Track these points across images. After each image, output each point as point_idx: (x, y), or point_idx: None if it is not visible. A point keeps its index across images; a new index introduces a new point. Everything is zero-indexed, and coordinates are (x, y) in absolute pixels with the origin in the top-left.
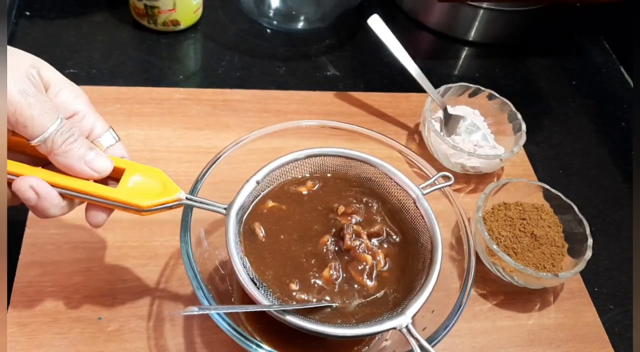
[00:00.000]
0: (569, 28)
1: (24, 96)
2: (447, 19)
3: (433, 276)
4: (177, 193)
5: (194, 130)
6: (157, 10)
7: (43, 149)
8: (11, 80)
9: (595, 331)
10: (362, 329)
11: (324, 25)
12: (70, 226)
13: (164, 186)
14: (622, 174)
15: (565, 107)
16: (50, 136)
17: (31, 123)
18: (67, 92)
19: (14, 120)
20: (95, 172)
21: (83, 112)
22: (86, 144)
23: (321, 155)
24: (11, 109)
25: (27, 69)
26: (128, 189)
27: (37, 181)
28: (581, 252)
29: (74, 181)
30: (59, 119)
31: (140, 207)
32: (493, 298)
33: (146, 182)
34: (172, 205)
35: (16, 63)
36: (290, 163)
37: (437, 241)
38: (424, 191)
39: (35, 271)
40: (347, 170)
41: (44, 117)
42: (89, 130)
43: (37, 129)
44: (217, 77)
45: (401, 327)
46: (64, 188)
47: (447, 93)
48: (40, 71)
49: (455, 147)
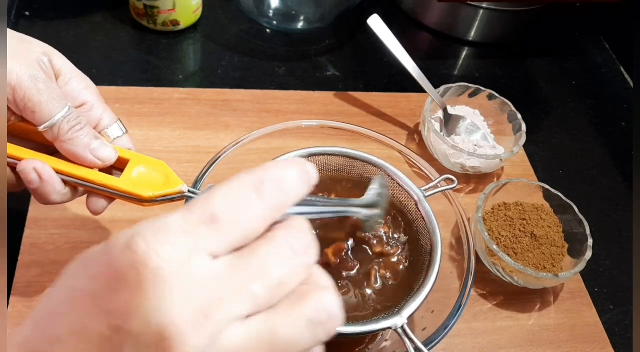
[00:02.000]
0: (569, 28)
1: (34, 82)
2: (447, 19)
3: (431, 277)
4: (179, 186)
5: (194, 131)
6: (157, 11)
7: (49, 135)
8: (22, 66)
9: (595, 331)
10: (357, 328)
11: (323, 25)
12: (70, 226)
13: (167, 178)
14: (622, 174)
15: (565, 107)
16: (58, 123)
17: (39, 109)
18: (77, 82)
19: (22, 105)
20: (100, 161)
21: (92, 102)
22: (92, 133)
23: (325, 155)
24: (20, 93)
25: (38, 56)
26: (131, 180)
27: (42, 164)
28: (581, 252)
29: (79, 169)
30: (67, 107)
31: (142, 198)
32: (493, 298)
33: (149, 174)
34: (174, 197)
35: (28, 50)
36: None
37: (436, 243)
38: (426, 193)
39: (35, 271)
40: (350, 170)
41: (52, 103)
42: (96, 121)
43: (44, 115)
44: (216, 77)
45: (397, 327)
46: (69, 175)
47: (447, 93)
48: (52, 59)
49: (455, 147)
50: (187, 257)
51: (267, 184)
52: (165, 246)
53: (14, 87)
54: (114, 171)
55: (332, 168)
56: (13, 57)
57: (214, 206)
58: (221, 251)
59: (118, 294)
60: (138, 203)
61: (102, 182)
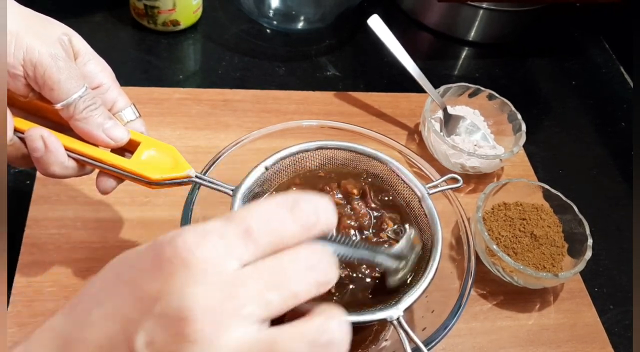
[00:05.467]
0: (569, 28)
1: (54, 60)
2: (447, 19)
3: (430, 271)
4: (187, 170)
5: (194, 131)
6: (157, 11)
7: (65, 113)
8: (44, 44)
9: (595, 331)
10: (353, 317)
11: (323, 25)
12: (70, 226)
13: (176, 162)
14: (622, 174)
15: (565, 107)
16: (74, 102)
17: (58, 87)
18: (94, 64)
19: (42, 82)
20: (112, 140)
21: (107, 85)
22: (106, 113)
23: (332, 148)
24: (40, 70)
25: (59, 35)
26: (141, 161)
27: (49, 133)
28: (581, 252)
29: (91, 148)
30: (84, 87)
31: (150, 180)
32: (493, 298)
33: (159, 157)
34: (182, 181)
35: (49, 29)
36: (301, 153)
37: (437, 239)
38: (430, 191)
39: (35, 271)
40: (356, 164)
41: (70, 82)
42: (111, 103)
43: (62, 93)
44: (217, 77)
45: (392, 319)
46: (80, 154)
47: (447, 93)
48: (71, 39)
49: (455, 147)
50: (218, 259)
51: (302, 205)
52: (201, 247)
53: (35, 63)
54: (126, 153)
55: (338, 162)
56: (35, 35)
57: (251, 220)
58: (250, 260)
59: (153, 283)
60: (146, 185)
61: (112, 162)
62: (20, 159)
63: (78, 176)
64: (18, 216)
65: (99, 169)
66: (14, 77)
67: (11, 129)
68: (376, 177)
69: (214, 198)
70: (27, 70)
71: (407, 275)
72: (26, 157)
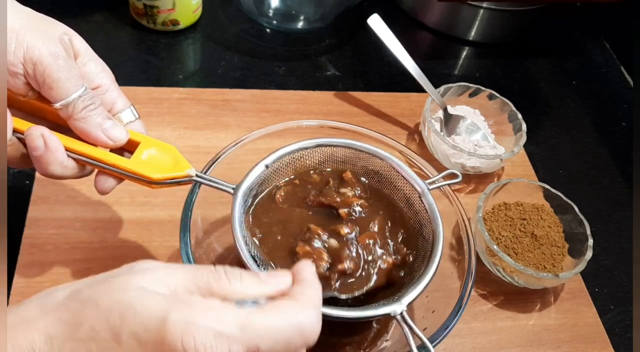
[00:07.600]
0: (569, 28)
1: (55, 58)
2: (447, 19)
3: (432, 266)
4: (187, 170)
5: (194, 130)
6: (157, 10)
7: (64, 113)
8: (44, 43)
9: (595, 331)
10: (357, 312)
11: (323, 25)
12: (70, 226)
13: (176, 161)
14: (622, 174)
15: (565, 107)
16: (73, 101)
17: (57, 85)
18: (94, 64)
19: (42, 80)
20: (111, 140)
21: (107, 85)
22: (105, 114)
23: (331, 146)
24: (40, 69)
25: (60, 34)
26: (141, 161)
27: (49, 132)
28: (581, 252)
29: (90, 148)
30: (83, 87)
31: (150, 179)
32: (493, 298)
33: (159, 157)
34: (182, 180)
35: (50, 28)
36: (300, 151)
37: (438, 234)
38: (430, 186)
39: (35, 271)
40: (355, 161)
41: (69, 81)
42: (110, 104)
43: (62, 93)
44: (216, 77)
45: (395, 314)
46: (80, 154)
47: (447, 93)
48: (72, 39)
49: (455, 147)
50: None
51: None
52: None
53: (35, 62)
54: (125, 153)
55: (338, 159)
56: (35, 34)
57: (263, 343)
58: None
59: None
60: (147, 184)
61: (112, 162)
62: (19, 160)
63: (77, 177)
64: (17, 216)
65: (99, 169)
66: (14, 75)
67: (10, 129)
68: (376, 174)
69: (213, 199)
70: (27, 69)
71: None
72: (25, 158)
